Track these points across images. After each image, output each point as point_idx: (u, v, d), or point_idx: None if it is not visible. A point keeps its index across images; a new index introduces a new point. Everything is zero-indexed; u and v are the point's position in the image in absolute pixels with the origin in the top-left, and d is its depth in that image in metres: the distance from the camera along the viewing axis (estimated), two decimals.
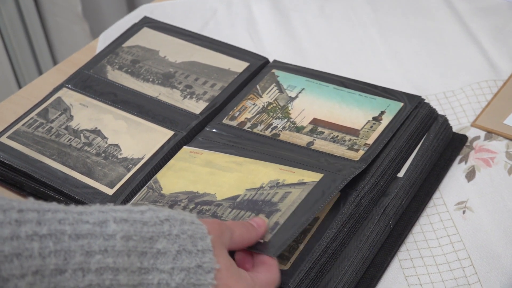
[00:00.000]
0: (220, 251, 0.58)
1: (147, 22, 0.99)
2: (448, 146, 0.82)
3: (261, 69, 0.89)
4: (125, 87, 0.89)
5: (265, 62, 0.90)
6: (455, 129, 0.84)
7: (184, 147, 0.80)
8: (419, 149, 0.78)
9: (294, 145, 0.77)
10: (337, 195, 0.72)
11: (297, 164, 0.74)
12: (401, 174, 0.76)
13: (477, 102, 0.88)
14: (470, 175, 0.79)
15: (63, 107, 0.87)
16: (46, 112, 0.87)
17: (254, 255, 0.64)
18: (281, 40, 1.01)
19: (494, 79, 0.90)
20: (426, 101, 0.81)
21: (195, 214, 0.59)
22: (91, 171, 0.79)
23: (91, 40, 1.32)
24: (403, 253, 0.73)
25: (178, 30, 0.97)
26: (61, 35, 1.73)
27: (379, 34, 1.00)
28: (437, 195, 0.78)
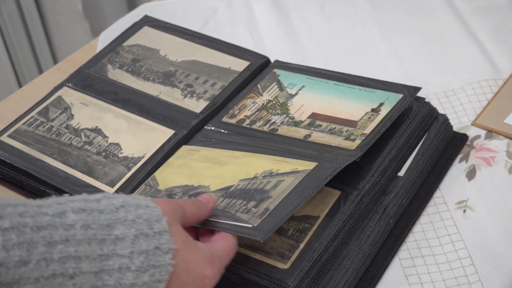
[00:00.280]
0: (176, 229, 0.59)
1: (148, 21, 0.99)
2: (449, 145, 0.82)
3: (261, 68, 0.89)
4: (125, 86, 0.89)
5: (266, 61, 0.90)
6: (455, 128, 0.84)
7: (183, 146, 0.80)
8: (419, 148, 0.78)
9: (290, 138, 0.77)
10: (337, 194, 0.72)
11: (292, 155, 0.73)
12: (401, 173, 0.76)
13: (477, 101, 0.88)
14: (471, 174, 0.79)
15: (63, 106, 0.87)
16: (47, 111, 0.87)
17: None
18: (281, 39, 1.01)
19: (495, 78, 0.90)
20: (426, 100, 0.81)
21: (149, 198, 0.60)
22: (91, 170, 0.79)
23: (91, 39, 1.32)
24: (403, 252, 0.73)
25: (178, 29, 0.97)
26: (61, 34, 1.73)
27: (380, 33, 1.00)
28: (437, 194, 0.78)
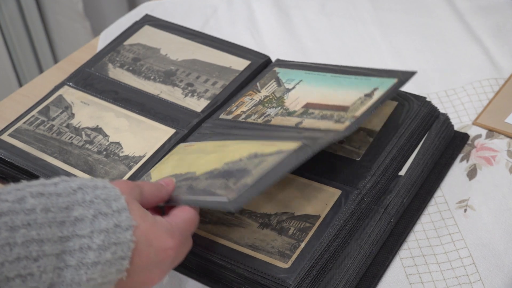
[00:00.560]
0: (134, 206, 0.59)
1: (149, 20, 0.99)
2: (450, 145, 0.82)
3: (262, 67, 0.89)
4: (126, 85, 0.89)
5: (267, 60, 0.90)
6: (456, 128, 0.84)
7: (180, 144, 0.80)
8: (420, 147, 0.78)
9: (282, 126, 0.76)
10: (338, 193, 0.72)
11: (280, 139, 0.72)
12: (402, 173, 0.76)
13: (478, 101, 0.88)
14: (472, 173, 0.79)
15: (64, 105, 0.87)
16: (48, 110, 0.87)
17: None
18: (282, 38, 1.01)
19: (496, 77, 0.90)
20: (427, 99, 0.81)
21: (107, 179, 0.61)
22: (92, 169, 0.79)
23: (92, 38, 1.32)
24: (404, 252, 0.73)
25: (179, 28, 0.97)
26: (62, 33, 1.73)
27: (380, 32, 1.00)
28: (438, 193, 0.78)
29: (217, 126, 0.81)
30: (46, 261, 0.54)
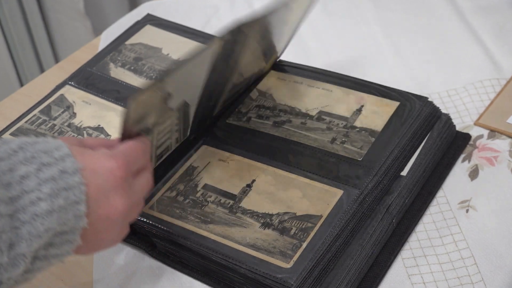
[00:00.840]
0: (76, 151, 0.59)
1: (150, 20, 0.99)
2: (451, 145, 0.82)
3: None
4: (128, 85, 0.88)
5: None
6: (458, 128, 0.84)
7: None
8: (422, 147, 0.78)
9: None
10: (340, 193, 0.72)
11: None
12: (404, 173, 0.76)
13: (480, 101, 0.88)
14: (473, 174, 0.79)
15: (66, 104, 0.87)
16: (49, 109, 0.86)
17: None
18: None
19: (497, 77, 0.90)
20: (429, 99, 0.81)
21: (51, 137, 0.61)
22: None
23: (93, 38, 1.32)
24: (406, 252, 0.73)
25: (181, 27, 0.97)
26: (63, 33, 1.73)
27: (382, 32, 1.00)
28: (440, 193, 0.78)
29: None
30: (3, 221, 0.53)
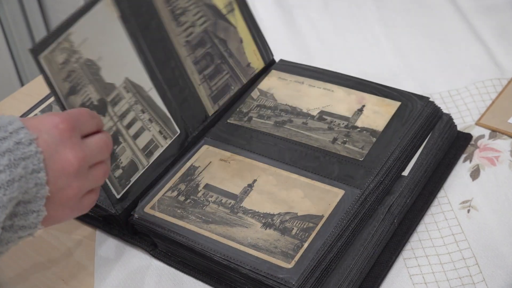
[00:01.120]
0: (29, 123, 0.61)
1: None
2: (453, 145, 0.82)
3: (266, 67, 0.89)
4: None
5: (271, 61, 0.89)
6: (459, 128, 0.84)
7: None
8: (423, 147, 0.78)
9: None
10: (341, 193, 0.72)
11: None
12: (406, 173, 0.76)
13: (481, 101, 0.88)
14: (475, 174, 0.79)
15: None
16: (50, 108, 0.86)
17: None
18: (285, 37, 1.01)
19: (499, 77, 0.90)
20: (430, 99, 0.81)
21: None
22: None
23: None
24: (407, 252, 0.73)
25: None
26: None
27: (384, 32, 1.00)
28: (441, 194, 0.78)
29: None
30: None
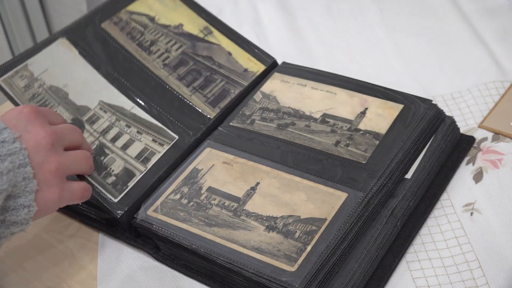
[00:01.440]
0: (14, 122, 0.65)
1: None
2: (456, 148, 0.82)
3: (269, 70, 0.89)
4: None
5: (273, 63, 0.89)
6: (462, 131, 0.84)
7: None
8: (426, 150, 0.78)
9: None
10: (344, 196, 0.72)
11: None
12: (408, 176, 0.76)
13: (484, 103, 0.88)
14: (478, 176, 0.79)
15: None
16: None
17: None
18: (287, 39, 1.01)
19: (501, 80, 0.90)
20: (433, 102, 0.81)
21: None
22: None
23: None
24: (410, 255, 0.73)
25: None
26: None
27: (386, 34, 1.00)
28: (444, 196, 0.78)
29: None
30: None
